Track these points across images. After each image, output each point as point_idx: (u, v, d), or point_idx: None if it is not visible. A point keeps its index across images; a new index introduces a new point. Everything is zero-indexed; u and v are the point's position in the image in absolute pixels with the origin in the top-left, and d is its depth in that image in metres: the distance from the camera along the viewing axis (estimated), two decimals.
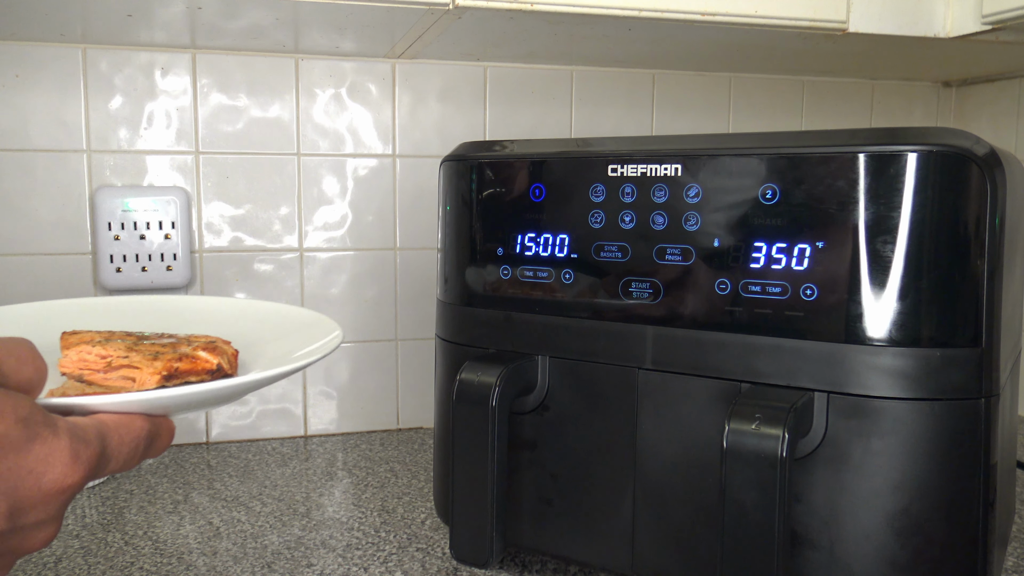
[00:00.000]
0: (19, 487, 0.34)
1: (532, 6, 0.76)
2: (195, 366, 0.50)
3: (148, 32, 0.90)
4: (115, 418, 0.39)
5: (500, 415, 0.61)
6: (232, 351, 0.54)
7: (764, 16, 0.81)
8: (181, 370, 0.49)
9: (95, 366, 0.50)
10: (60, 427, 0.36)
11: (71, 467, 0.36)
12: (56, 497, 0.36)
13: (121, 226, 0.97)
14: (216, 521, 0.80)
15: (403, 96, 1.06)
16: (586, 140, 0.64)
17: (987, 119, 1.22)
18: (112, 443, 0.38)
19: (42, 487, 0.35)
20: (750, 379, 0.55)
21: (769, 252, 0.54)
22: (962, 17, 0.84)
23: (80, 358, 0.50)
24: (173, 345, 0.52)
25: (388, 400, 1.10)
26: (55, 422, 0.36)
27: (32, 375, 0.37)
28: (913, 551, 0.52)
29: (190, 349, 0.51)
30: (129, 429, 0.40)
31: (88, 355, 0.50)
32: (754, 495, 0.50)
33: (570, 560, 0.66)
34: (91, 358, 0.50)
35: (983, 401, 0.52)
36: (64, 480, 0.35)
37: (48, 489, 0.35)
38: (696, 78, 1.16)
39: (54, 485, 0.35)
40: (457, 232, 0.69)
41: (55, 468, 0.35)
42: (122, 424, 0.39)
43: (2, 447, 0.33)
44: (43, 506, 0.35)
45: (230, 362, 0.53)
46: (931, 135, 0.51)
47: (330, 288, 1.06)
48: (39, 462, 0.35)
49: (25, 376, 0.37)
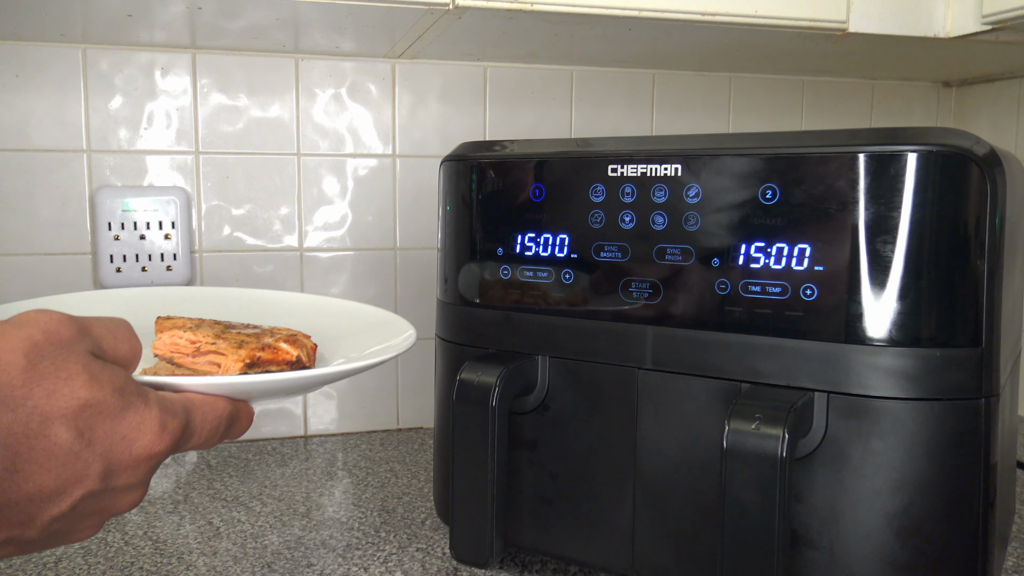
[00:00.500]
0: (113, 451, 0.37)
1: (532, 6, 0.76)
2: (276, 356, 0.54)
3: (148, 32, 0.90)
4: (201, 398, 0.43)
5: (500, 415, 0.61)
6: (311, 345, 0.57)
7: (764, 16, 0.81)
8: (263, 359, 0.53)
9: (185, 350, 0.54)
10: (151, 399, 0.39)
11: (159, 436, 0.39)
12: (145, 463, 0.39)
13: (121, 226, 0.97)
14: (216, 521, 0.80)
15: (403, 96, 1.06)
16: (586, 140, 0.64)
17: (987, 119, 1.22)
18: (196, 419, 0.42)
19: (133, 452, 0.38)
20: (750, 379, 0.55)
21: (769, 252, 0.54)
22: (962, 17, 0.84)
23: (172, 342, 0.54)
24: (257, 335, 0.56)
25: (388, 400, 1.10)
26: (147, 394, 0.39)
27: (128, 352, 0.41)
28: (913, 551, 0.52)
29: (273, 340, 0.54)
30: (213, 408, 0.43)
31: (179, 339, 0.54)
32: (754, 495, 0.50)
33: (570, 560, 0.66)
34: (182, 342, 0.54)
35: (983, 401, 0.52)
36: (152, 447, 0.39)
37: (138, 455, 0.38)
38: (696, 78, 1.16)
39: (143, 451, 0.38)
40: (457, 232, 0.69)
41: (145, 435, 0.38)
42: (207, 403, 0.43)
43: (100, 413, 0.37)
44: (132, 471, 0.39)
45: (309, 355, 0.56)
46: (931, 135, 0.51)
47: (330, 288, 1.06)
48: (132, 429, 0.38)
49: (122, 353, 0.40)
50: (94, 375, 0.37)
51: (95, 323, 0.39)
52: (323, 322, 0.64)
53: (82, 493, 0.37)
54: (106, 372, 0.38)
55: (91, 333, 0.39)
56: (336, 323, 0.64)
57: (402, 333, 0.59)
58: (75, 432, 0.36)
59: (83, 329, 0.38)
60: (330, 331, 0.63)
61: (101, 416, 0.37)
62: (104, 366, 0.38)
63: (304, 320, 0.64)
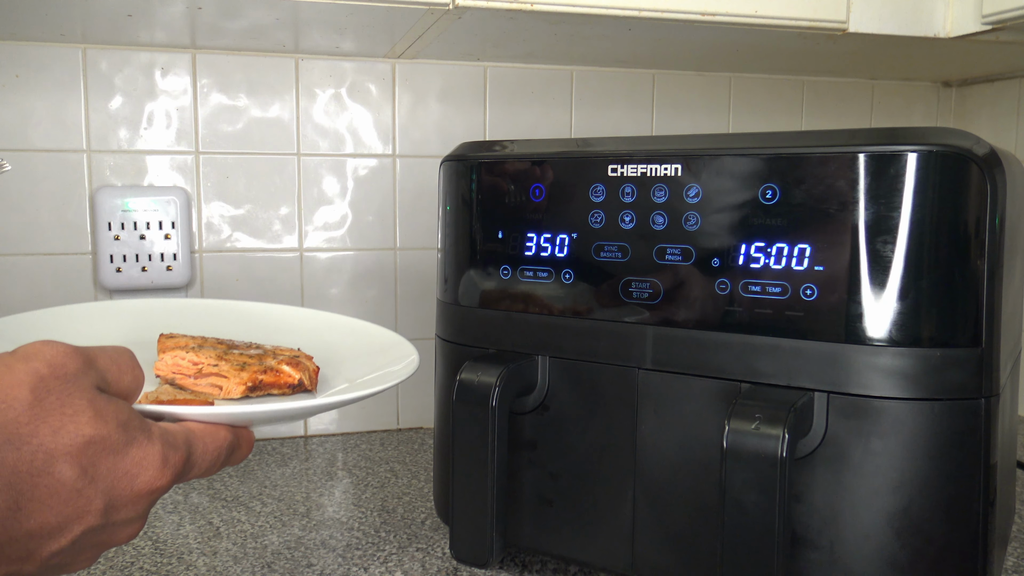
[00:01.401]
0: (115, 487, 0.37)
1: (532, 6, 0.76)
2: (278, 379, 0.54)
3: (148, 32, 0.90)
4: (202, 427, 0.43)
5: (500, 415, 0.61)
6: (314, 367, 0.58)
7: (764, 16, 0.81)
8: (265, 382, 0.54)
9: (187, 371, 0.54)
10: (154, 433, 0.39)
11: (161, 471, 0.39)
12: (146, 498, 0.39)
13: (121, 226, 0.97)
14: (216, 521, 0.80)
15: (403, 96, 1.06)
16: (586, 140, 0.64)
17: (987, 119, 1.22)
18: (197, 451, 0.42)
19: (135, 488, 0.38)
20: (750, 379, 0.55)
21: (769, 252, 0.54)
22: (962, 17, 0.84)
23: (174, 363, 0.55)
24: (260, 357, 0.56)
25: (388, 400, 1.10)
26: (150, 428, 0.39)
27: (131, 383, 0.41)
28: (913, 551, 0.52)
29: (275, 362, 0.55)
30: (214, 438, 0.43)
31: (182, 360, 0.55)
32: (754, 495, 0.50)
33: (570, 560, 0.66)
34: (184, 364, 0.55)
35: (983, 401, 0.52)
36: (154, 483, 0.39)
37: (140, 490, 0.38)
38: (696, 78, 1.16)
39: (145, 487, 0.38)
40: (457, 232, 0.69)
41: (147, 471, 0.38)
42: (208, 433, 0.43)
43: (104, 449, 0.37)
44: (133, 505, 0.38)
45: (311, 378, 0.57)
46: (931, 135, 0.51)
47: (330, 288, 1.06)
48: (134, 464, 0.38)
49: (125, 384, 0.40)
50: (99, 411, 0.37)
51: (100, 354, 0.39)
52: (328, 340, 0.64)
53: (83, 529, 0.37)
54: (111, 407, 0.37)
55: (96, 365, 0.38)
56: (341, 342, 0.64)
57: (406, 358, 0.59)
58: (79, 469, 0.36)
59: (88, 361, 0.38)
60: (334, 350, 0.63)
61: (105, 452, 0.37)
62: (109, 401, 0.38)
63: (308, 337, 0.64)
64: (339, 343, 0.64)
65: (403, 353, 0.60)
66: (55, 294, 0.97)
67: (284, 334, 0.66)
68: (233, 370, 0.54)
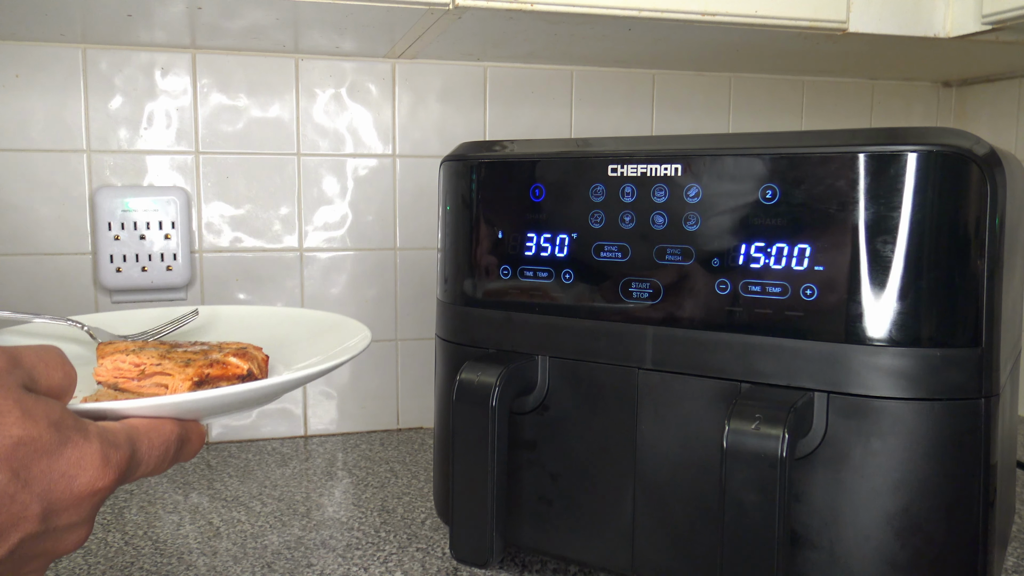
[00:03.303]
0: (52, 490, 0.35)
1: (532, 6, 0.76)
2: (226, 371, 0.52)
3: (148, 32, 0.90)
4: (146, 423, 0.41)
5: (500, 415, 0.61)
6: (263, 356, 0.55)
7: (764, 16, 0.81)
8: (212, 375, 0.51)
9: (129, 374, 0.52)
10: (91, 431, 0.37)
11: (102, 470, 0.37)
12: (88, 500, 0.37)
13: (121, 226, 0.97)
14: (216, 521, 0.80)
15: (403, 96, 1.06)
16: (586, 140, 0.64)
17: (987, 119, 1.22)
18: (143, 447, 0.40)
19: (74, 490, 0.36)
20: (750, 379, 0.55)
21: (769, 252, 0.54)
22: (962, 17, 0.84)
23: (115, 366, 0.52)
24: (205, 352, 0.54)
25: (388, 400, 1.10)
26: (86, 426, 0.37)
27: (62, 380, 0.38)
28: (913, 551, 0.52)
29: (221, 355, 0.53)
30: (159, 433, 0.41)
31: (122, 363, 0.52)
32: (754, 495, 0.50)
33: (570, 560, 0.66)
34: (125, 366, 0.52)
35: (983, 401, 0.52)
36: (95, 483, 0.37)
37: (80, 492, 0.36)
38: (696, 78, 1.16)
39: (86, 488, 0.36)
40: (457, 232, 0.69)
41: (87, 471, 0.36)
42: (153, 428, 0.41)
43: (36, 451, 0.35)
44: (75, 508, 0.37)
45: (260, 367, 0.54)
46: (931, 135, 0.51)
47: (330, 288, 1.06)
48: (71, 465, 0.36)
49: (55, 381, 0.38)
50: (27, 410, 0.35)
51: (25, 352, 0.37)
52: (274, 334, 0.62)
53: (21, 536, 0.35)
54: (40, 406, 0.35)
55: (22, 364, 0.36)
56: (287, 332, 0.63)
57: (357, 334, 0.57)
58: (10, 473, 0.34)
59: (13, 360, 0.36)
60: (283, 341, 0.61)
61: (37, 454, 0.35)
62: (38, 400, 0.36)
63: (252, 334, 0.63)
64: (287, 333, 0.62)
65: (353, 330, 0.59)
66: (55, 294, 0.97)
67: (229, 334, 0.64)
68: (177, 367, 0.51)
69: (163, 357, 0.52)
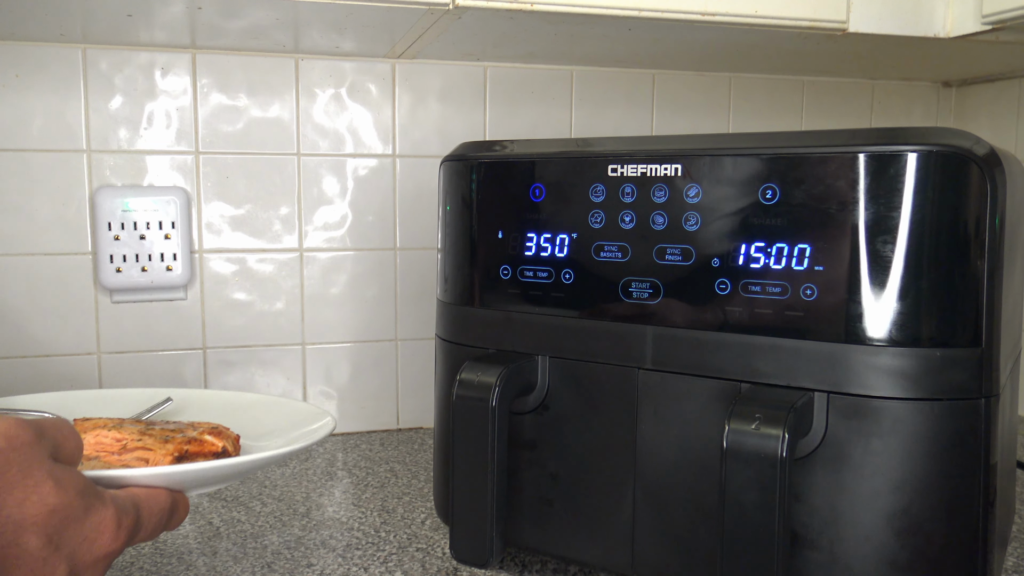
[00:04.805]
0: (77, 552, 0.39)
1: (532, 6, 0.76)
2: (203, 448, 0.56)
3: (148, 32, 0.90)
4: (144, 491, 0.44)
5: (500, 415, 0.61)
6: (234, 435, 0.60)
7: (764, 16, 0.81)
8: (191, 452, 0.55)
9: (111, 448, 0.55)
10: (107, 498, 0.41)
11: (116, 534, 0.41)
12: (104, 561, 0.40)
13: (121, 226, 0.97)
14: (216, 521, 0.80)
15: (403, 96, 1.06)
16: (586, 140, 0.64)
17: (987, 119, 1.22)
18: (144, 513, 0.43)
19: (94, 552, 0.40)
20: (750, 379, 0.55)
21: (769, 252, 0.54)
22: (962, 17, 0.84)
23: (97, 441, 0.56)
24: (181, 430, 0.58)
25: (388, 400, 1.10)
26: (102, 494, 0.41)
27: (75, 450, 0.42)
28: (913, 551, 0.52)
29: (197, 434, 0.57)
30: (156, 501, 0.45)
31: (104, 438, 0.56)
32: (754, 495, 0.50)
33: (570, 560, 0.66)
34: (107, 441, 0.55)
35: (983, 401, 0.52)
36: (111, 546, 0.40)
37: (98, 554, 0.40)
38: (696, 78, 1.16)
39: (103, 550, 0.40)
40: (457, 232, 0.69)
41: (104, 535, 0.40)
42: (151, 496, 0.44)
43: (67, 517, 0.38)
44: (92, 569, 0.40)
45: (234, 445, 0.59)
46: (931, 135, 0.51)
47: (330, 288, 1.06)
48: (93, 530, 0.39)
49: (70, 450, 0.41)
50: (58, 480, 0.38)
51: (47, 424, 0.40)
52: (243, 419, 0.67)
53: None
54: (68, 476, 0.38)
55: (47, 435, 0.39)
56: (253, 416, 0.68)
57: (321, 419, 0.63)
58: (45, 538, 0.37)
59: (40, 431, 0.39)
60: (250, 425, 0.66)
61: (67, 520, 0.38)
62: (65, 469, 0.39)
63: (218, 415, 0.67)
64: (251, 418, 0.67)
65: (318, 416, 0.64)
66: (55, 294, 0.97)
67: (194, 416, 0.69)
68: (157, 443, 0.55)
69: (143, 433, 0.56)
